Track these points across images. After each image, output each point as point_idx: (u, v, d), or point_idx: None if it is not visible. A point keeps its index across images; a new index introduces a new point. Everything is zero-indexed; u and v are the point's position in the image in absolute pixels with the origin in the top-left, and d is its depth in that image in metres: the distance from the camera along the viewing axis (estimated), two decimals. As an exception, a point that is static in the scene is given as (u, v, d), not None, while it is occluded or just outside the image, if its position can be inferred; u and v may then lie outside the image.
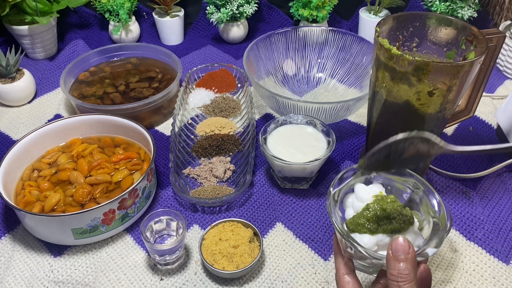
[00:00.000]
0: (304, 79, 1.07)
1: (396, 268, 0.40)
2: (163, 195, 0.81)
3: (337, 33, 1.03)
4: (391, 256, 0.41)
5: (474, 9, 1.12)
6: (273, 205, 0.79)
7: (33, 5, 1.09)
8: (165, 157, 0.89)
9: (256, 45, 0.99)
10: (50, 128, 0.82)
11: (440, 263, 0.69)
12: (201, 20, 1.31)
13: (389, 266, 0.41)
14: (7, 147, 0.90)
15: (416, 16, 0.71)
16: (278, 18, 1.31)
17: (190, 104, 1.00)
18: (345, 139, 0.93)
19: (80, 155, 0.81)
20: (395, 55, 0.63)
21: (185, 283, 0.67)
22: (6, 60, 0.97)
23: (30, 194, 0.74)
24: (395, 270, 0.40)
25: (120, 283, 0.67)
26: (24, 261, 0.70)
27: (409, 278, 0.40)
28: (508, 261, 0.69)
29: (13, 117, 1.00)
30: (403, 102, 0.67)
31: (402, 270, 0.40)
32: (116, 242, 0.73)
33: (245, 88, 1.02)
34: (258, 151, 0.89)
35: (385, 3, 1.19)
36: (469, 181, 0.83)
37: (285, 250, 0.71)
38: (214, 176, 0.83)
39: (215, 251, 0.66)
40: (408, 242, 0.41)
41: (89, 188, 0.74)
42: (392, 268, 0.40)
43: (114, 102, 0.96)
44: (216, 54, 1.22)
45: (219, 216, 0.77)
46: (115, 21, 1.22)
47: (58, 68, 1.15)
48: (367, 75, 0.98)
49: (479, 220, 0.75)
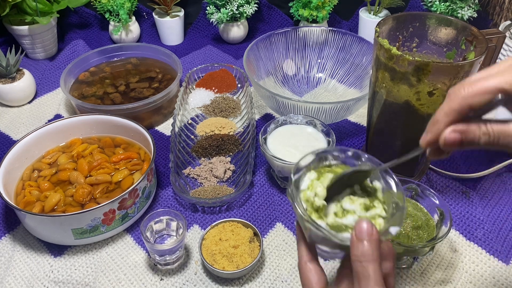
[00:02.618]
0: (304, 79, 1.07)
1: (359, 249, 0.41)
2: (163, 195, 0.81)
3: (337, 33, 1.04)
4: (354, 238, 0.41)
5: (474, 9, 1.12)
6: (273, 205, 0.79)
7: (33, 5, 1.09)
8: (165, 157, 0.89)
9: (256, 45, 0.99)
10: (50, 128, 0.82)
11: (440, 263, 0.69)
12: (201, 20, 1.31)
13: (352, 248, 0.41)
14: (7, 147, 0.90)
15: (416, 16, 0.71)
16: (278, 18, 1.31)
17: (190, 104, 1.00)
18: (345, 139, 0.93)
19: (80, 155, 0.81)
20: (395, 55, 0.63)
21: (185, 283, 0.67)
22: (6, 60, 0.97)
23: (30, 194, 0.74)
24: (359, 251, 0.41)
25: (120, 283, 0.67)
26: (24, 261, 0.70)
27: (372, 258, 0.40)
28: (508, 261, 0.69)
29: (13, 117, 1.00)
30: (403, 102, 0.67)
31: (366, 250, 0.40)
32: (116, 242, 0.73)
33: (245, 88, 1.02)
34: (258, 151, 0.89)
35: (385, 3, 1.19)
36: (469, 181, 0.83)
37: (285, 250, 0.71)
38: (214, 176, 0.83)
39: (215, 251, 0.66)
40: (371, 224, 0.41)
41: (89, 188, 0.74)
42: (355, 249, 0.41)
43: (114, 102, 0.96)
44: (216, 54, 1.22)
45: (219, 216, 0.77)
46: (115, 21, 1.22)
47: (58, 68, 1.15)
48: (367, 75, 0.98)
49: (479, 220, 0.76)
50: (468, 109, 0.39)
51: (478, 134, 0.38)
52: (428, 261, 0.69)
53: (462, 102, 0.39)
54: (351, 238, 0.42)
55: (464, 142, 0.39)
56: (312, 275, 0.46)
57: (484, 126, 0.38)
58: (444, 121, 0.40)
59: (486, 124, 0.38)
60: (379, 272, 0.40)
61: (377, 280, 0.40)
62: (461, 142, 0.39)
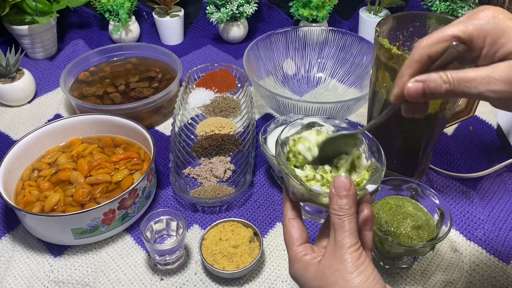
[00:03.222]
0: (304, 79, 1.07)
1: (337, 204, 0.43)
2: (163, 195, 0.81)
3: (337, 33, 1.03)
4: (333, 193, 0.43)
5: (474, 8, 1.12)
6: (273, 205, 0.79)
7: (33, 5, 1.09)
8: (165, 157, 0.89)
9: (256, 45, 0.99)
10: (50, 128, 0.82)
11: (440, 263, 0.69)
12: (201, 20, 1.31)
13: (331, 202, 0.44)
14: (7, 147, 0.90)
15: (416, 16, 0.71)
16: (278, 18, 1.31)
17: (190, 104, 1.00)
18: (345, 139, 0.93)
19: (80, 155, 0.81)
20: (395, 55, 0.63)
21: (185, 283, 0.67)
22: (6, 60, 0.97)
23: (30, 194, 0.74)
24: (337, 205, 0.43)
25: (120, 283, 0.67)
26: (24, 261, 0.70)
27: (349, 212, 0.43)
28: (508, 261, 0.69)
29: (13, 117, 1.00)
30: (403, 102, 0.67)
31: (343, 205, 0.43)
32: (116, 242, 0.73)
33: (245, 88, 1.02)
34: (258, 151, 0.89)
35: (385, 3, 1.19)
36: (469, 181, 0.82)
37: (285, 250, 0.71)
38: (214, 176, 0.83)
39: (215, 251, 0.66)
40: (349, 180, 0.43)
41: (89, 188, 0.74)
42: (334, 204, 0.43)
43: (114, 102, 0.96)
44: (216, 54, 1.22)
45: (219, 216, 0.77)
46: (115, 21, 1.21)
47: (58, 68, 1.15)
48: (367, 75, 0.98)
49: (479, 220, 0.75)
50: (427, 58, 0.41)
51: (440, 83, 0.40)
52: (428, 261, 0.69)
53: (421, 52, 0.41)
54: (329, 192, 0.44)
55: (427, 92, 0.41)
56: (294, 231, 0.48)
57: (444, 74, 0.40)
58: (407, 73, 0.42)
59: (446, 72, 0.40)
60: (354, 224, 0.43)
61: (352, 231, 0.43)
62: (424, 92, 0.41)
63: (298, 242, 0.48)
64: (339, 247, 0.43)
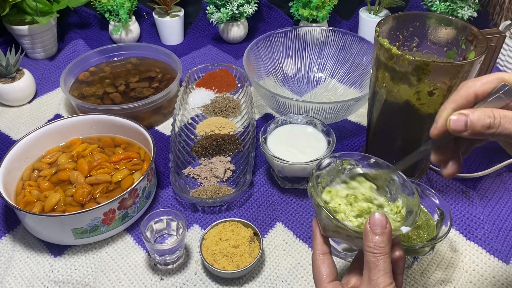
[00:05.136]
0: (304, 79, 1.07)
1: (373, 241, 0.43)
2: (163, 195, 0.81)
3: (337, 33, 1.04)
4: (368, 230, 0.43)
5: (474, 9, 1.12)
6: (273, 205, 0.79)
7: (33, 5, 1.09)
8: (165, 157, 0.89)
9: (256, 45, 0.99)
10: (50, 128, 0.82)
11: (440, 263, 0.69)
12: (201, 20, 1.31)
13: (366, 239, 0.43)
14: (7, 147, 0.90)
15: (416, 16, 0.71)
16: (278, 18, 1.31)
17: (190, 104, 1.00)
18: (345, 139, 0.93)
19: (80, 155, 0.81)
20: (395, 55, 0.63)
21: (185, 283, 0.67)
22: (6, 60, 0.97)
23: (30, 194, 0.74)
24: (372, 242, 0.43)
25: (120, 283, 0.67)
26: (24, 261, 0.70)
27: (385, 251, 0.43)
28: (508, 261, 0.69)
29: (13, 117, 1.00)
30: (403, 102, 0.67)
31: (379, 243, 0.43)
32: (116, 242, 0.73)
33: (245, 88, 1.02)
34: (258, 151, 0.89)
35: (385, 3, 1.19)
36: (469, 181, 0.83)
37: (285, 250, 0.71)
38: (214, 176, 0.83)
39: (215, 251, 0.66)
40: (385, 217, 0.43)
41: (89, 188, 0.74)
42: (369, 241, 0.43)
43: (114, 102, 0.96)
44: (216, 54, 1.22)
45: (219, 216, 0.77)
46: (115, 21, 1.22)
47: (58, 68, 1.15)
48: (367, 75, 0.98)
49: (479, 220, 0.75)
50: (474, 95, 0.41)
51: (483, 116, 0.40)
52: (428, 261, 0.69)
53: (468, 89, 0.42)
54: (364, 229, 0.44)
55: (469, 124, 0.40)
56: (324, 268, 0.48)
57: (490, 110, 0.40)
58: (451, 107, 0.42)
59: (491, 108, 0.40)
60: (388, 263, 0.43)
61: (386, 270, 0.43)
62: (466, 125, 0.40)
63: (328, 279, 0.47)
64: (374, 287, 0.42)
